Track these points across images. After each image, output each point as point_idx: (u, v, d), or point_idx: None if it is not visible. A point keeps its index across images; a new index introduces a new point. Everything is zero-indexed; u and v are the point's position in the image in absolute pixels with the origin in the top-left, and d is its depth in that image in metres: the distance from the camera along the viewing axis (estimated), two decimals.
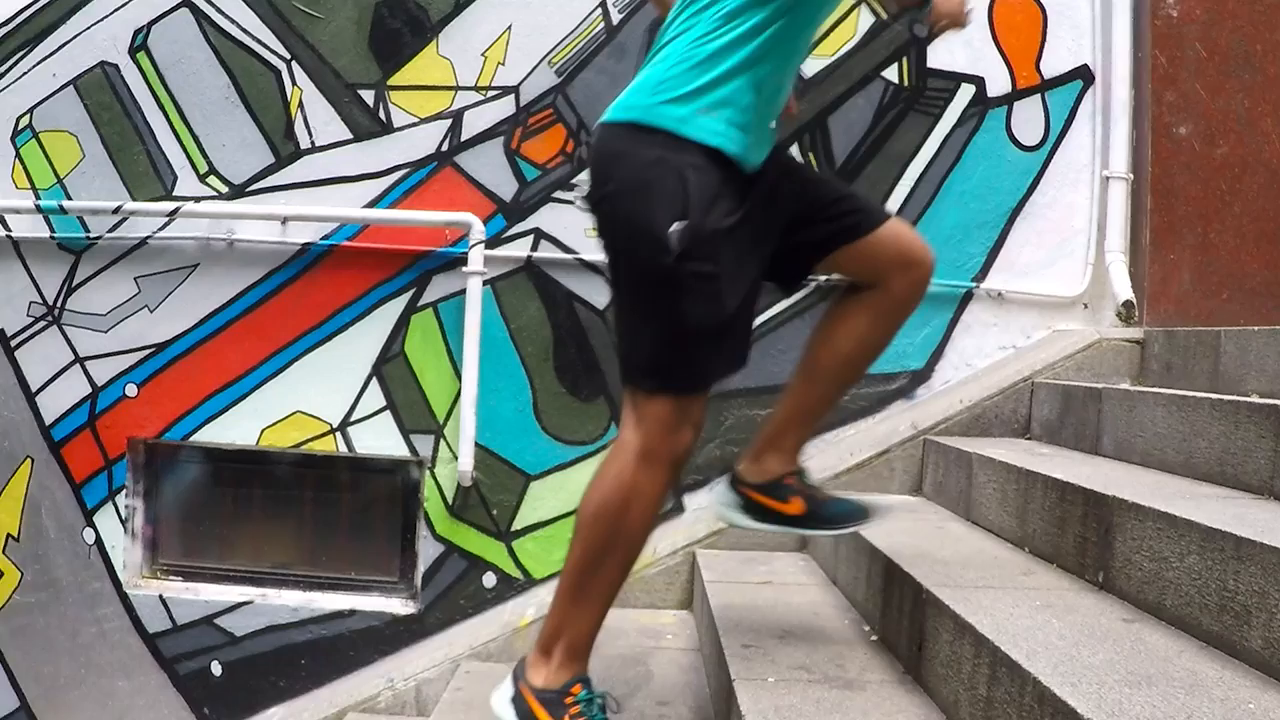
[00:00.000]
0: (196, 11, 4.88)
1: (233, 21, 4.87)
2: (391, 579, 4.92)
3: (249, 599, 4.89)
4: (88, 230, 4.94)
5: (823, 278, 4.29)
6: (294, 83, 4.83)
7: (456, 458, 4.71)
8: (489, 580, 4.77)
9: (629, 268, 2.63)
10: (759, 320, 4.62)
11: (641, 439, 2.63)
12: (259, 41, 4.85)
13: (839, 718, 2.58)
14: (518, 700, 2.71)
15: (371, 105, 4.80)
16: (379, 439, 4.79)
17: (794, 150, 4.66)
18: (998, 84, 4.74)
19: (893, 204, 4.69)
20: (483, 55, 4.78)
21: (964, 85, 4.73)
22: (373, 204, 4.79)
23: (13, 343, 5.00)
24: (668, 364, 2.61)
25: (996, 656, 2.24)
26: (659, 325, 2.58)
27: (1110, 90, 4.74)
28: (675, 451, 2.64)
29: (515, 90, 4.77)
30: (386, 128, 4.79)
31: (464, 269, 4.68)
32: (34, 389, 4.99)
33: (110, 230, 4.91)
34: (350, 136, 4.81)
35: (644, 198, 2.54)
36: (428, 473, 4.77)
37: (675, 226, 2.49)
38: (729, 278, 2.58)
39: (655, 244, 2.51)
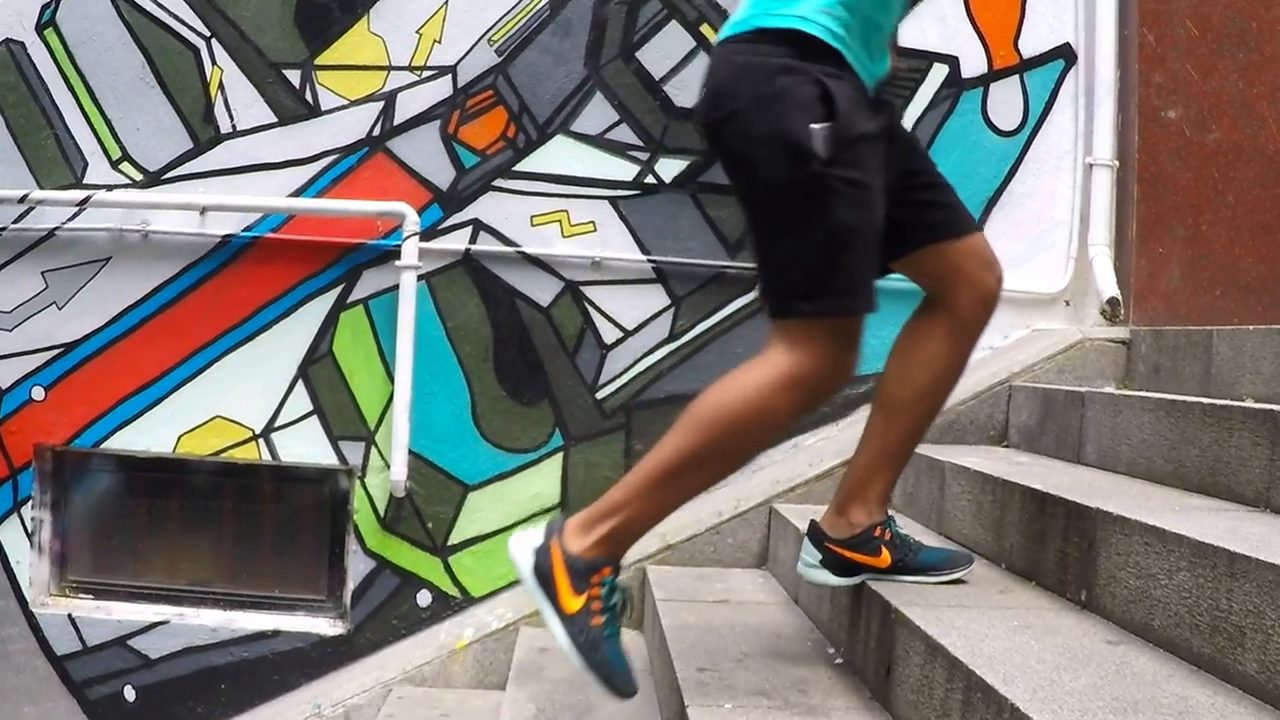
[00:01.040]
0: None
1: None
2: (318, 597, 4.80)
3: (165, 618, 4.75)
4: None
5: None
6: (214, 62, 4.67)
7: (389, 466, 4.61)
8: (423, 598, 4.67)
9: (771, 184, 2.52)
10: (712, 320, 4.63)
11: (794, 363, 2.54)
12: (176, 18, 4.68)
13: None
14: (542, 552, 2.61)
15: (297, 86, 4.67)
16: (305, 446, 4.69)
17: None
18: (973, 64, 4.66)
19: None
20: (417, 33, 4.65)
21: (936, 65, 4.65)
22: (299, 193, 4.66)
23: None
24: (826, 280, 2.51)
25: (971, 681, 2.18)
26: (812, 239, 2.49)
27: (1094, 71, 4.66)
28: (832, 383, 2.60)
29: (452, 70, 4.64)
30: (313, 111, 4.67)
31: (397, 263, 4.57)
32: None
33: (15, 221, 4.74)
34: (274, 120, 4.67)
35: (778, 106, 2.47)
36: (358, 483, 4.67)
37: (817, 128, 2.44)
38: (877, 189, 2.53)
39: (798, 151, 2.44)
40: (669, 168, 4.60)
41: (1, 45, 4.75)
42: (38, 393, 4.77)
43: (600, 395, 4.63)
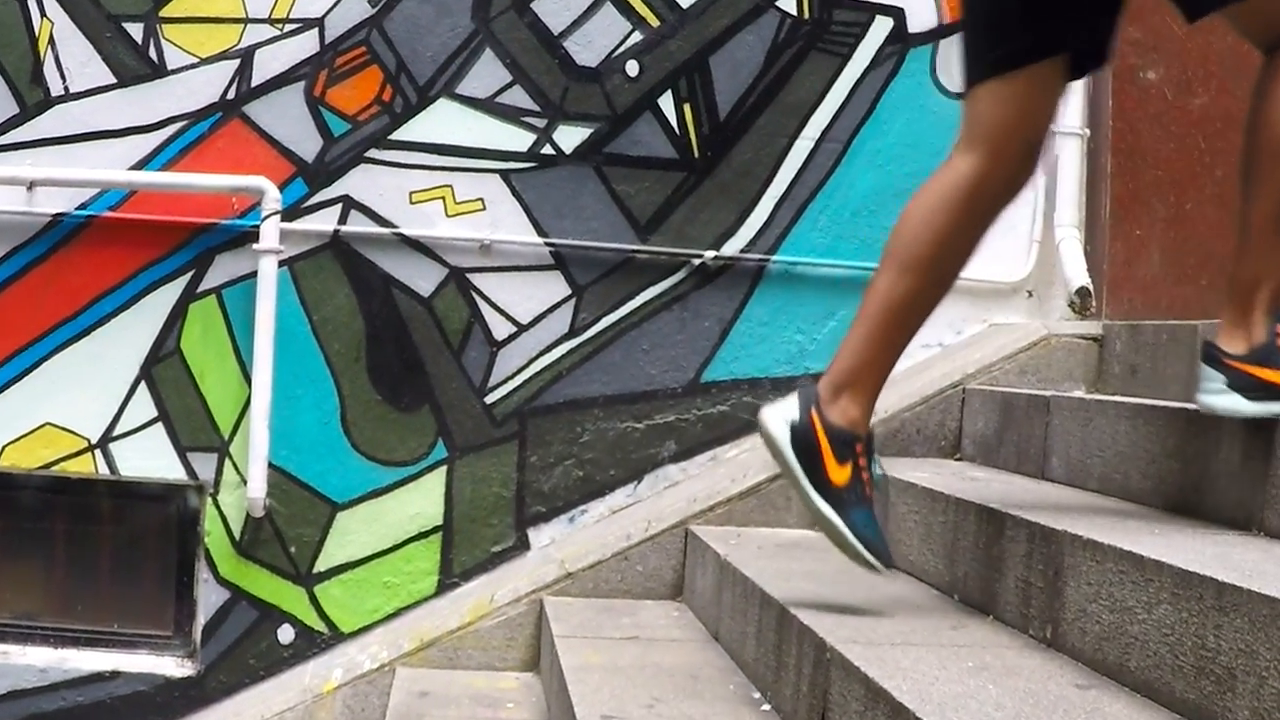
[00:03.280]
0: None
1: None
2: (164, 633, 4.59)
3: None
4: None
5: (706, 256, 4.51)
6: (43, 14, 4.43)
7: (245, 482, 4.44)
8: (285, 634, 4.48)
9: None
10: (619, 313, 4.50)
11: None
12: None
13: None
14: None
15: (140, 42, 4.44)
16: (149, 458, 4.49)
17: (667, 97, 4.49)
18: (921, 17, 4.57)
19: (790, 165, 4.52)
20: None
21: (879, 18, 4.56)
22: (141, 165, 4.46)
23: None
24: None
25: None
26: None
27: None
28: None
29: (319, 23, 4.46)
30: (159, 70, 4.45)
31: (255, 246, 4.39)
32: None
33: None
34: (113, 81, 4.45)
35: None
36: (209, 500, 4.50)
37: None
38: None
39: None
40: (569, 136, 4.44)
41: None
42: None
43: (490, 399, 4.47)
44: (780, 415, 2.79)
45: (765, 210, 4.43)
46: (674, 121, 4.42)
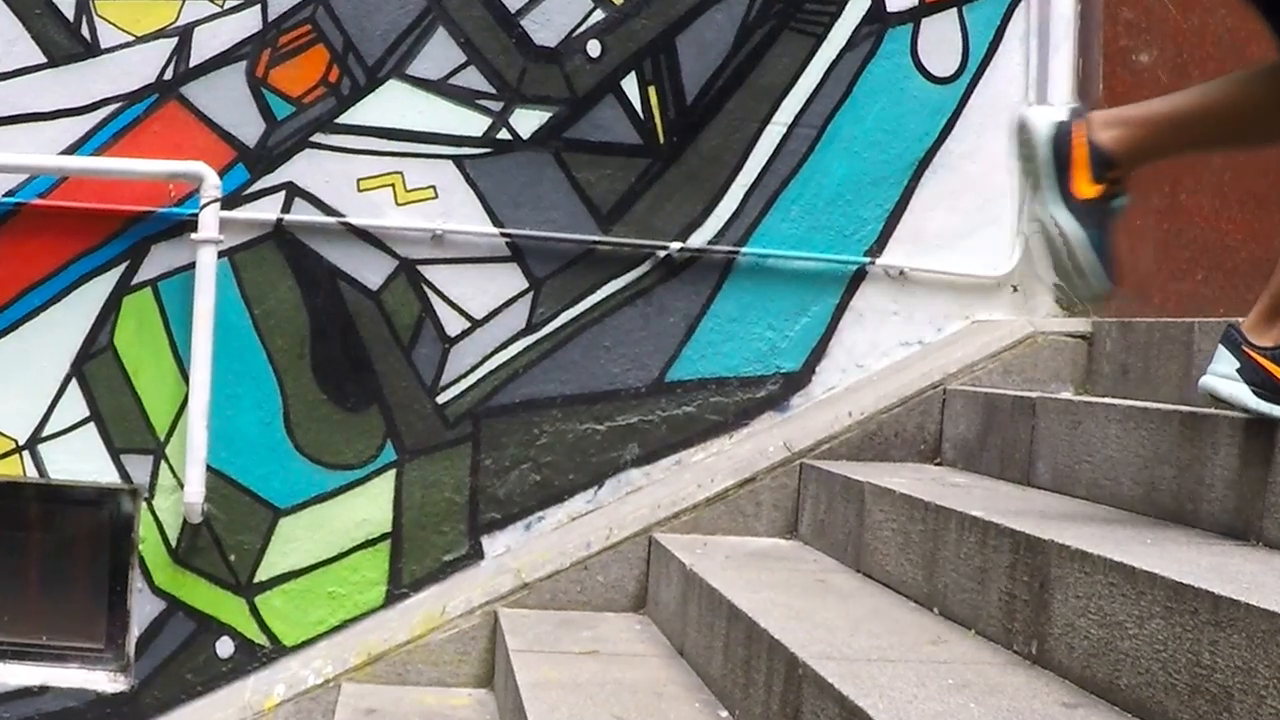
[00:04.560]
0: None
1: None
2: (96, 645, 4.53)
3: None
4: None
5: (672, 248, 4.47)
6: None
7: (182, 486, 4.36)
8: (224, 648, 4.42)
9: None
10: (579, 308, 4.47)
11: None
12: None
13: None
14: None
15: (72, 19, 4.38)
16: (80, 460, 4.43)
17: (631, 79, 4.47)
18: None
19: (761, 152, 4.49)
20: None
21: None
22: (73, 149, 4.39)
23: None
24: None
25: None
26: None
27: (1049, 5, 4.60)
28: None
29: (262, 0, 4.43)
30: (91, 49, 4.39)
31: (193, 236, 4.32)
32: None
33: None
34: (43, 60, 4.38)
35: None
36: (144, 505, 4.42)
37: None
38: None
39: None
40: (527, 120, 4.39)
41: None
42: None
43: (442, 399, 4.42)
44: (1045, 113, 2.83)
45: (734, 200, 4.41)
46: (638, 105, 4.39)
